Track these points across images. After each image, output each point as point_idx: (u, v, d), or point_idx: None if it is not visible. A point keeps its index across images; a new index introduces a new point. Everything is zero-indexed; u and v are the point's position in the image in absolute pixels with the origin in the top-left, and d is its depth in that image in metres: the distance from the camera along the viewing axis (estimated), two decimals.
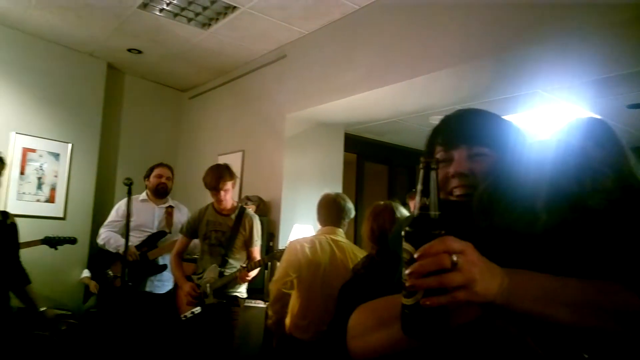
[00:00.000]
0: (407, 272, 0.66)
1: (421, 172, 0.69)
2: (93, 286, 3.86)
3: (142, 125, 5.30)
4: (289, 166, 4.08)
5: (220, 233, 3.02)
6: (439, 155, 0.97)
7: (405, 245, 0.68)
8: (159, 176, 3.50)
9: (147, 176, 3.54)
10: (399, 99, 3.55)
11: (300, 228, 3.74)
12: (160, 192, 3.50)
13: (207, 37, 4.10)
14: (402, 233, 0.69)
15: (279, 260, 2.97)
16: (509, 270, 0.68)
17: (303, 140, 4.18)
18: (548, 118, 3.91)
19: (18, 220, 2.54)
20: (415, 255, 0.65)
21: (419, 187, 0.69)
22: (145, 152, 5.08)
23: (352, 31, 3.53)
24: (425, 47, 2.99)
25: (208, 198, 3.14)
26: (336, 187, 4.21)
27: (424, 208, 0.68)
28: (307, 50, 3.94)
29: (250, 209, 3.43)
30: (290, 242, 2.66)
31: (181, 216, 3.56)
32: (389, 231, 2.10)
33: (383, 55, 3.27)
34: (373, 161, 5.48)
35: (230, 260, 2.98)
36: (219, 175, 2.93)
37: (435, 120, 4.25)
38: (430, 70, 2.94)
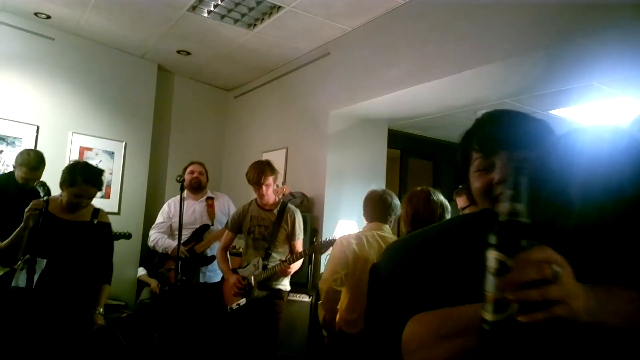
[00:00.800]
0: (500, 282, 0.60)
1: (511, 176, 0.66)
2: (155, 285, 3.92)
3: (190, 124, 5.48)
4: (332, 163, 4.09)
5: (263, 228, 3.09)
6: (477, 162, 0.92)
7: (495, 254, 0.62)
8: (191, 172, 3.63)
9: (183, 177, 3.66)
10: (445, 93, 3.48)
11: (344, 224, 3.75)
12: (195, 187, 3.62)
13: (253, 37, 4.18)
14: (490, 241, 0.64)
15: (320, 252, 3.00)
16: (587, 286, 0.64)
17: (346, 136, 4.19)
18: (604, 111, 3.71)
19: None
20: (511, 264, 0.60)
21: (509, 192, 0.65)
22: (193, 150, 5.25)
23: (397, 26, 3.50)
24: (473, 40, 2.92)
25: (252, 193, 3.21)
26: (380, 184, 4.18)
27: (514, 214, 0.64)
28: (351, 47, 3.94)
29: (285, 188, 3.46)
30: (338, 238, 2.66)
31: (221, 205, 3.66)
32: (423, 214, 2.11)
33: (429, 50, 3.22)
34: (417, 157, 5.39)
35: (274, 254, 3.04)
36: (260, 170, 3.01)
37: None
38: (478, 64, 2.86)
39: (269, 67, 4.94)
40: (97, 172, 2.48)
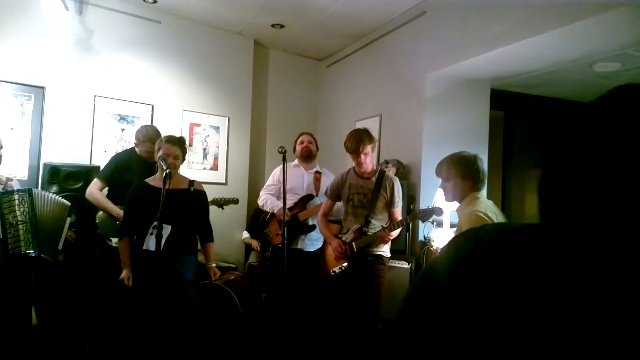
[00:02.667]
0: None
1: None
2: (255, 244, 4.31)
3: (285, 96, 5.63)
4: (429, 128, 3.97)
5: (362, 195, 3.12)
6: None
7: None
8: (301, 142, 3.83)
9: (294, 148, 3.84)
10: (556, 47, 3.17)
11: None
12: (306, 156, 3.79)
13: (344, 4, 4.13)
14: None
15: (421, 219, 2.95)
16: None
17: (444, 99, 4.02)
18: None
19: None
20: None
21: None
22: (289, 121, 5.42)
23: None
24: None
25: (347, 163, 3.24)
26: (482, 148, 3.99)
27: None
28: (448, 4, 3.72)
29: (392, 169, 3.45)
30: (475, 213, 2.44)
31: (327, 181, 3.76)
32: None
33: (537, 0, 2.93)
34: (524, 118, 5.02)
35: (373, 221, 3.07)
36: (359, 139, 3.02)
37: (601, 67, 3.72)
38: (594, 12, 2.56)
39: (361, 33, 4.86)
40: (177, 137, 2.87)
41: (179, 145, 2.79)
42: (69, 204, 2.98)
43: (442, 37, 3.78)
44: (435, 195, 3.76)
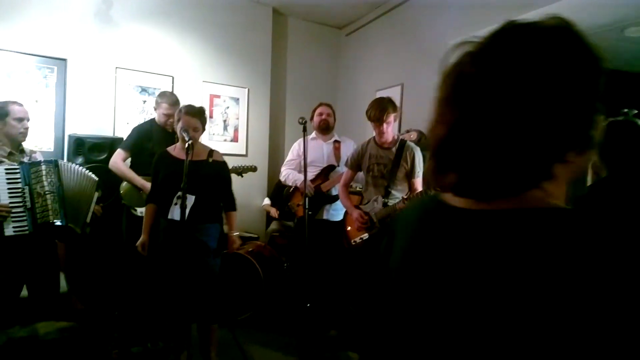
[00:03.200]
0: None
1: None
2: (274, 211, 4.39)
3: (305, 65, 5.56)
4: None
5: (382, 166, 3.10)
6: None
7: None
8: (320, 114, 3.79)
9: (312, 118, 3.80)
10: (586, 11, 3.03)
11: None
12: (323, 128, 3.76)
13: None
14: None
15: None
16: None
17: None
18: None
19: None
20: None
21: None
22: (308, 92, 5.37)
23: None
24: None
25: (367, 133, 3.21)
26: None
27: None
28: None
29: (412, 134, 3.40)
30: None
31: (347, 149, 3.75)
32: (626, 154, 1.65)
33: None
34: None
35: (393, 192, 3.05)
36: (382, 107, 2.98)
37: (633, 32, 3.55)
38: None
39: None
40: (197, 107, 2.84)
41: (198, 116, 2.78)
42: (97, 178, 3.04)
43: (467, 1, 3.64)
44: None
